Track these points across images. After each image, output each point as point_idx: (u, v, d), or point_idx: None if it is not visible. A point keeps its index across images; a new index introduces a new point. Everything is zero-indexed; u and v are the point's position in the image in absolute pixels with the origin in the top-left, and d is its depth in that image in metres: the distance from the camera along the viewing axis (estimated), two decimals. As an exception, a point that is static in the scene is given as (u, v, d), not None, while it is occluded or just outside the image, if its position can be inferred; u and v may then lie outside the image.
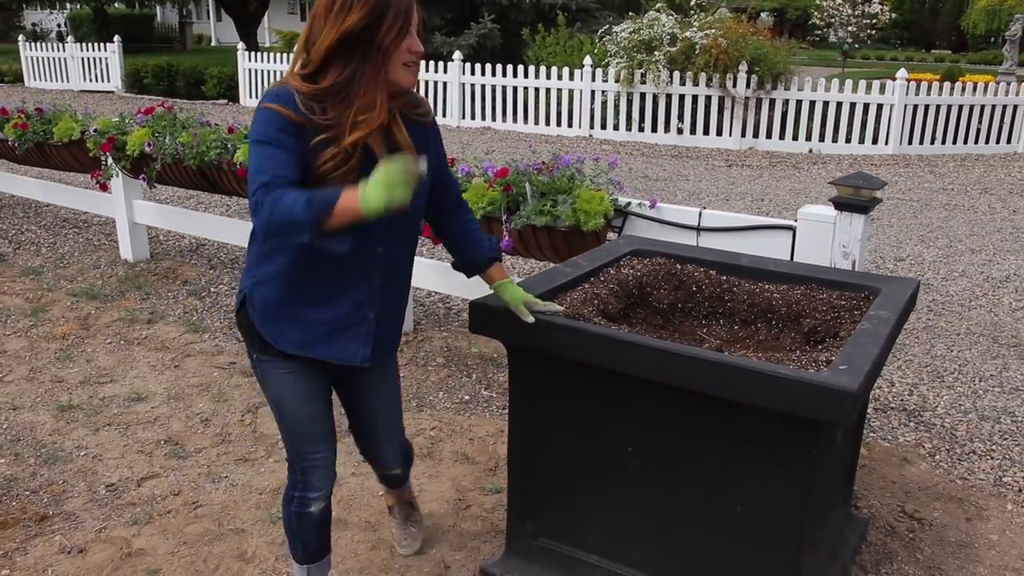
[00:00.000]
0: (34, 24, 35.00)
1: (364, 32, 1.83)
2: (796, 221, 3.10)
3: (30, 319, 4.68)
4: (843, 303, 2.43)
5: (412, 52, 1.90)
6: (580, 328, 2.12)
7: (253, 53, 15.34)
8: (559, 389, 2.28)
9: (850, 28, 18.41)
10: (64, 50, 17.98)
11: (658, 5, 11.88)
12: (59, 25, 34.09)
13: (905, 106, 10.90)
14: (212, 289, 5.16)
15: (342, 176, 1.86)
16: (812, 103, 11.09)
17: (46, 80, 18.20)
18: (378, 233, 1.97)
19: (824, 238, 3.00)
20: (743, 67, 10.93)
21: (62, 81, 17.97)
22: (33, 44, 18.78)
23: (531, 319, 2.14)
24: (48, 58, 18.15)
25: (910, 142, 11.10)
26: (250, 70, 15.19)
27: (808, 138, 11.20)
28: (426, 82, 12.70)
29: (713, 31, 11.16)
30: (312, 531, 2.23)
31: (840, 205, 2.93)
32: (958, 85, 11.25)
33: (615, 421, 2.21)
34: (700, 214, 3.31)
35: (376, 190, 1.70)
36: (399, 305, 2.18)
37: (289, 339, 2.02)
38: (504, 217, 3.46)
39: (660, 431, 2.14)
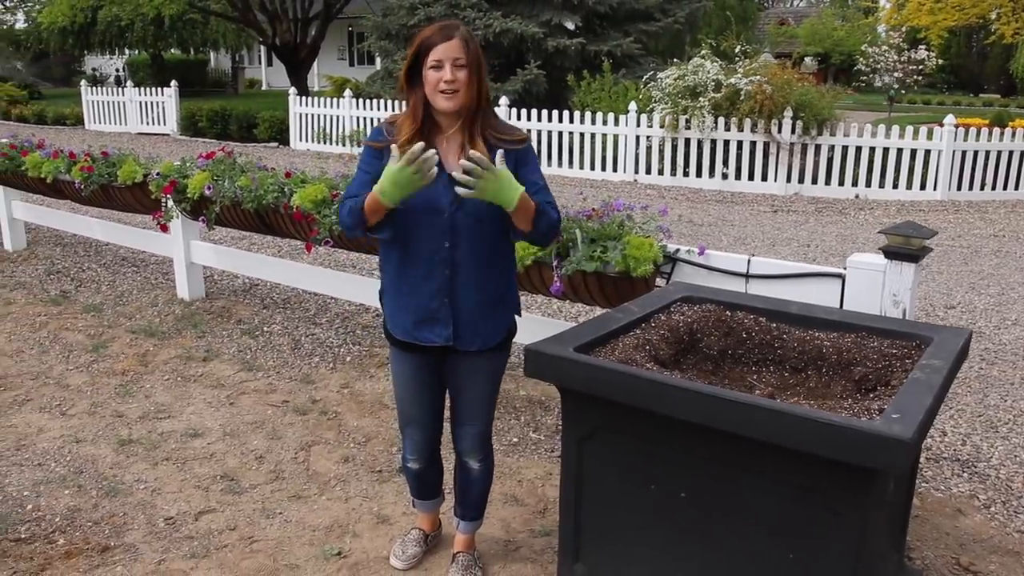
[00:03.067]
0: (94, 69, 36.34)
1: (409, 68, 2.38)
2: (845, 269, 3.12)
3: (91, 354, 4.84)
4: (894, 352, 2.44)
5: (445, 82, 2.32)
6: (633, 373, 2.16)
7: (304, 98, 15.76)
8: (611, 433, 2.32)
9: (896, 74, 18.33)
10: (123, 94, 18.65)
11: (703, 52, 11.98)
12: (117, 70, 35.36)
13: (953, 152, 10.81)
14: (265, 328, 5.28)
15: None
16: (858, 149, 11.05)
17: (105, 123, 18.89)
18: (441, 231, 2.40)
19: (874, 286, 3.02)
20: (788, 113, 10.97)
21: (120, 124, 18.63)
22: (93, 88, 19.50)
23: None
24: (107, 102, 18.85)
25: (959, 188, 10.99)
26: (300, 114, 15.58)
27: (855, 184, 11.14)
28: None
29: (758, 77, 11.24)
30: (412, 479, 2.86)
31: (890, 254, 2.95)
32: (1008, 131, 11.14)
33: (667, 465, 2.24)
34: (749, 261, 3.34)
35: (383, 183, 2.27)
36: (478, 301, 2.50)
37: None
38: (555, 263, 3.52)
39: (712, 476, 2.16)
